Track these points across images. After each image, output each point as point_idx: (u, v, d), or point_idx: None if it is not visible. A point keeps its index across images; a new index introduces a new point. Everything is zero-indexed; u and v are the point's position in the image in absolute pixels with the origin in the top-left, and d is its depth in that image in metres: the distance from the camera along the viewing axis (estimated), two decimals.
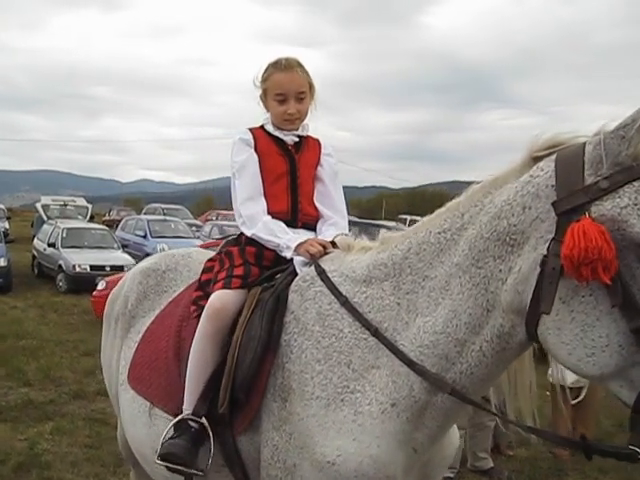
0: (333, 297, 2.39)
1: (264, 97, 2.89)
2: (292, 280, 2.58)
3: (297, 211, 2.83)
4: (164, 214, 29.66)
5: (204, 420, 2.51)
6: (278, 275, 2.67)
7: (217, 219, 32.16)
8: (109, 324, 3.52)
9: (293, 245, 2.64)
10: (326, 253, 2.61)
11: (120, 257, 18.15)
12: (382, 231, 2.54)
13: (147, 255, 19.97)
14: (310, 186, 2.91)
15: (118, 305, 3.42)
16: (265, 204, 2.78)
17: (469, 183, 2.28)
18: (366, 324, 2.29)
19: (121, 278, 3.89)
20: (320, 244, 2.63)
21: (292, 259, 2.65)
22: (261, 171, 2.81)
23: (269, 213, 2.77)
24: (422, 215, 2.45)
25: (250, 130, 2.88)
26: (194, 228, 25.28)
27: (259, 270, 2.72)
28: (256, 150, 2.82)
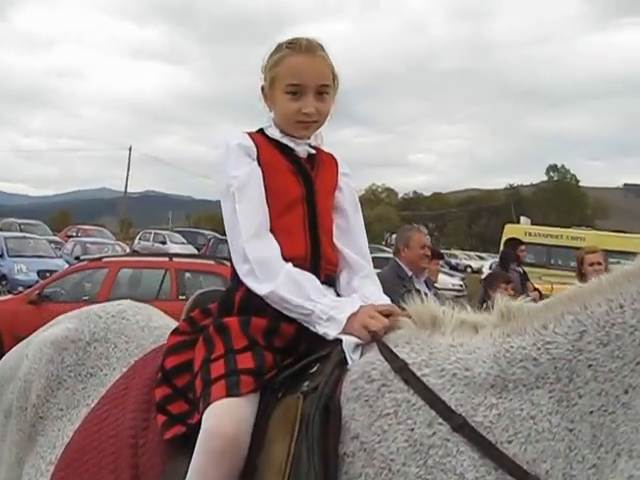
0: (434, 413, 1.48)
1: (269, 88, 1.98)
2: (340, 377, 1.63)
3: (319, 257, 1.90)
4: (21, 230, 26.64)
5: None
6: (314, 368, 1.70)
7: (78, 235, 29.34)
8: None
9: (342, 317, 1.70)
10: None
11: None
12: (499, 297, 1.62)
13: (3, 277, 18.00)
14: (330, 219, 2.00)
15: (11, 392, 2.22)
16: (277, 243, 1.84)
17: None
18: (506, 464, 1.38)
19: None
20: (384, 314, 1.71)
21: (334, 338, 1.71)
22: (265, 193, 1.89)
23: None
24: None
25: (249, 134, 1.95)
26: (53, 245, 22.64)
27: (272, 355, 1.75)
28: (259, 163, 1.89)
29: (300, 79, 1.91)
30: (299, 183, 1.93)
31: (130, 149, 55.87)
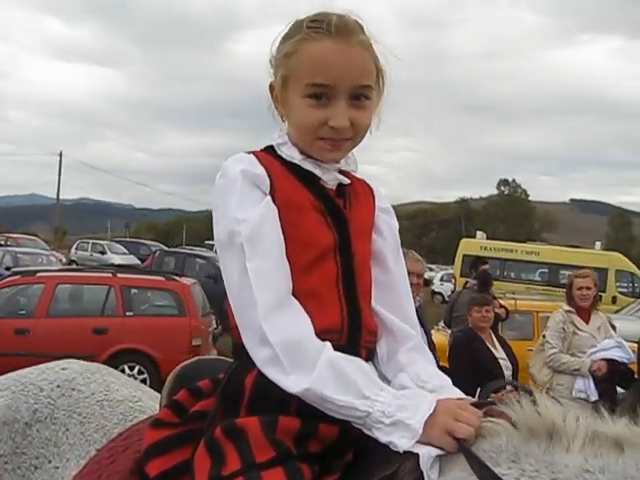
0: None
1: (282, 88, 1.44)
2: None
3: (359, 327, 1.42)
4: None
5: None
6: None
7: (7, 244, 27.22)
8: None
9: (416, 421, 1.22)
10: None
11: None
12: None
13: None
14: (369, 274, 1.51)
15: None
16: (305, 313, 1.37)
17: None
18: None
19: None
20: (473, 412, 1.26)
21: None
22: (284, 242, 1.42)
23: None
24: None
25: (256, 157, 1.44)
26: None
27: (309, 468, 1.28)
28: (273, 198, 1.40)
29: (328, 77, 1.36)
30: (329, 226, 1.42)
31: (60, 154, 54.38)
